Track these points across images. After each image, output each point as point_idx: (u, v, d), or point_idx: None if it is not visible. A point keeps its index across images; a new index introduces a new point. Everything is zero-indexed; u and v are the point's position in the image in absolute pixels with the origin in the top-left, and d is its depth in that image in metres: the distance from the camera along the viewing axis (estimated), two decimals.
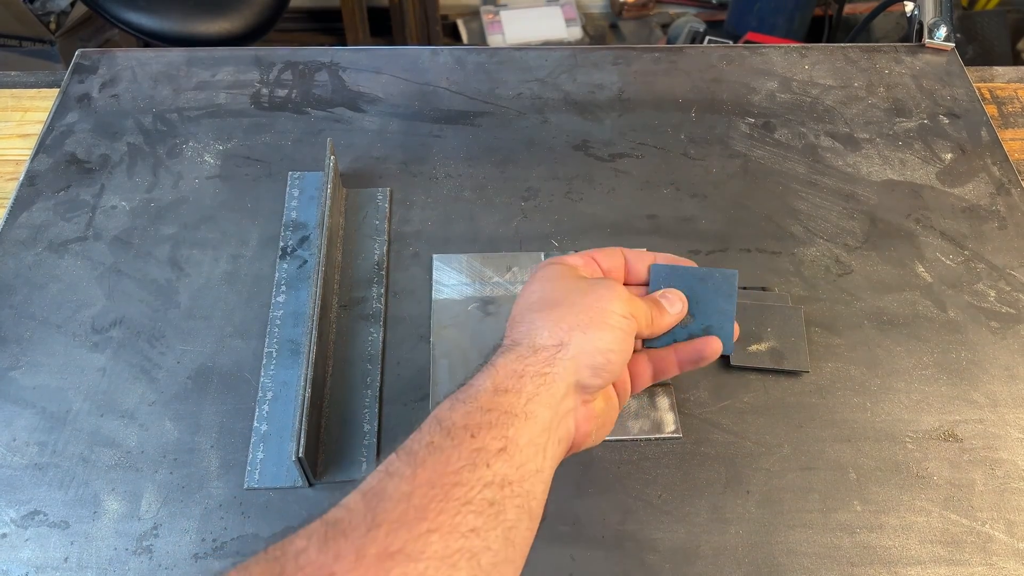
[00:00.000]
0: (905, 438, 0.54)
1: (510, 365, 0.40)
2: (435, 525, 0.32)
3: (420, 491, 0.33)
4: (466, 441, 0.36)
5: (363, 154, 0.69)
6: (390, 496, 0.33)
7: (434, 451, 0.36)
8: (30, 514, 0.49)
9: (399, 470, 0.35)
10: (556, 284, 0.45)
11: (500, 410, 0.38)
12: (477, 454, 0.36)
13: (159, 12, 1.25)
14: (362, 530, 0.32)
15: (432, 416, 0.38)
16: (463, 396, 0.39)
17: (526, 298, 0.45)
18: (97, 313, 0.58)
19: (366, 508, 0.33)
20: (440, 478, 0.34)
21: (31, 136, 0.71)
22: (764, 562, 0.49)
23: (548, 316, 0.43)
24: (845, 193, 0.68)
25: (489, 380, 0.39)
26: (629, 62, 0.78)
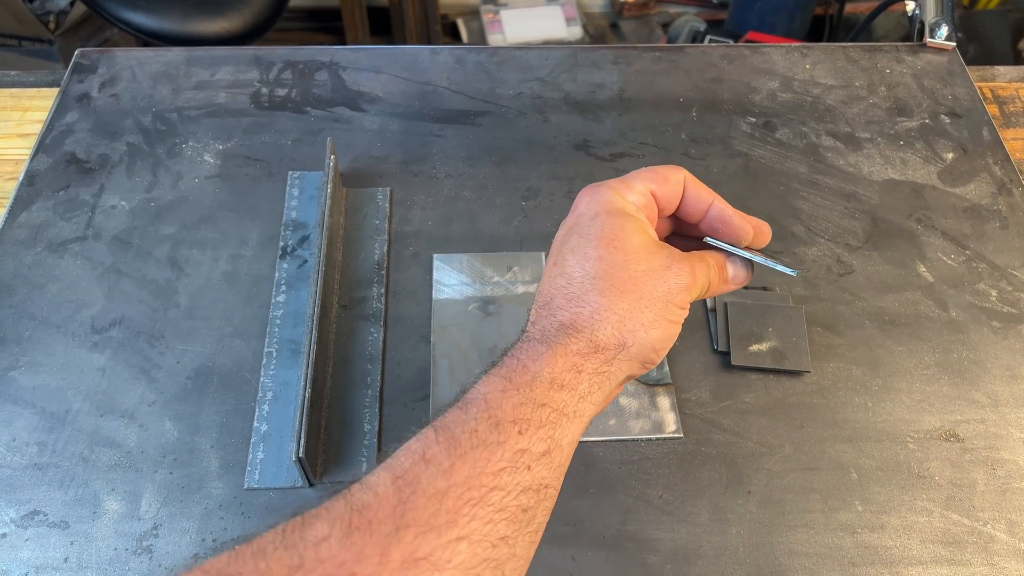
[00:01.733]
0: (907, 438, 0.54)
1: (570, 357, 0.37)
2: (466, 532, 0.31)
3: (455, 491, 0.31)
4: (512, 438, 0.34)
5: (363, 154, 0.69)
6: (423, 490, 0.31)
7: (477, 444, 0.33)
8: (30, 514, 0.49)
9: (436, 458, 0.32)
10: (621, 255, 0.39)
11: (553, 407, 0.35)
12: (520, 456, 0.33)
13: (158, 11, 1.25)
14: (389, 527, 0.30)
15: (481, 397, 0.35)
16: (518, 380, 0.36)
17: (588, 251, 0.39)
18: (97, 313, 0.58)
19: (396, 499, 0.31)
20: (478, 479, 0.32)
21: (30, 136, 0.71)
22: (765, 562, 0.49)
23: (614, 307, 0.38)
24: (846, 193, 0.68)
25: (547, 369, 0.36)
26: (629, 61, 0.78)
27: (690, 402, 0.55)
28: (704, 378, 0.56)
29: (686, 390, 0.56)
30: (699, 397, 0.55)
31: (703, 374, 0.56)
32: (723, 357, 0.57)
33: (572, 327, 0.38)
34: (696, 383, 0.56)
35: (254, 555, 0.29)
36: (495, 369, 0.37)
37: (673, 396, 0.55)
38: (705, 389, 0.56)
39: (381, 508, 0.31)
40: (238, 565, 0.29)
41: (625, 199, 0.42)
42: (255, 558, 0.29)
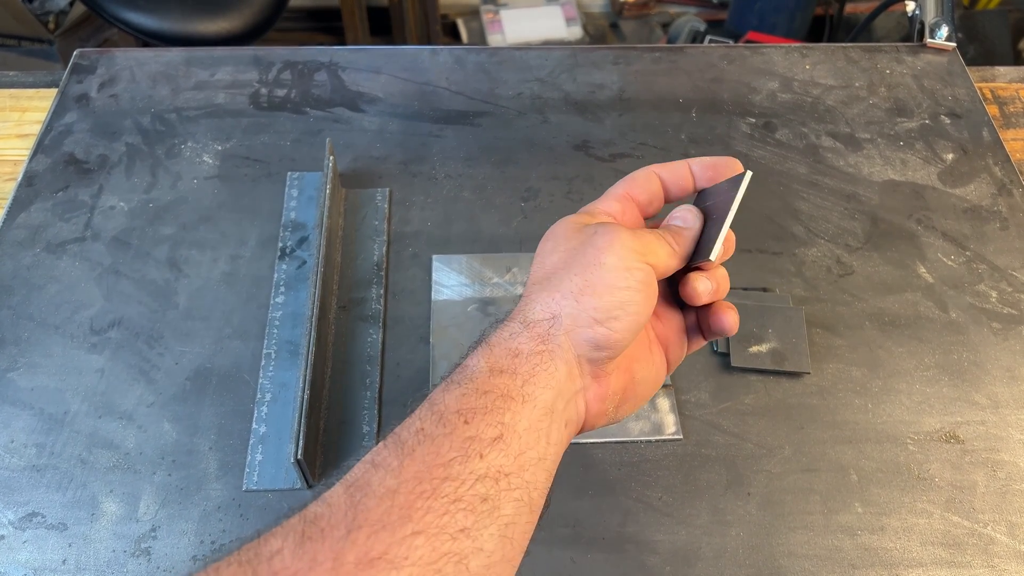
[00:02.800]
0: (907, 439, 0.54)
1: (504, 343, 0.36)
2: (421, 526, 0.30)
3: (406, 487, 0.31)
4: (459, 428, 0.33)
5: (362, 154, 0.69)
6: (374, 491, 0.31)
7: (424, 440, 0.33)
8: (28, 516, 0.49)
9: (386, 460, 0.32)
10: (559, 245, 0.39)
11: (496, 393, 0.34)
12: (470, 443, 0.33)
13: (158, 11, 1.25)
14: (342, 531, 0.30)
15: (426, 399, 0.35)
16: (458, 377, 0.36)
17: (532, 270, 0.40)
18: (95, 314, 0.58)
19: (348, 504, 0.31)
20: (429, 471, 0.32)
21: (29, 136, 0.71)
22: (765, 564, 0.49)
23: (541, 284, 0.38)
24: (846, 193, 0.67)
25: (484, 359, 0.36)
26: (629, 62, 0.78)
27: (690, 404, 0.55)
28: (704, 380, 0.56)
29: (686, 391, 0.56)
30: (699, 399, 0.55)
31: (703, 376, 0.56)
32: (723, 358, 0.57)
33: (507, 318, 0.38)
34: (696, 384, 0.56)
35: (207, 574, 0.29)
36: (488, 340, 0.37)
37: (673, 397, 0.55)
38: (705, 391, 0.56)
39: (333, 515, 0.30)
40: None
41: (590, 210, 0.42)
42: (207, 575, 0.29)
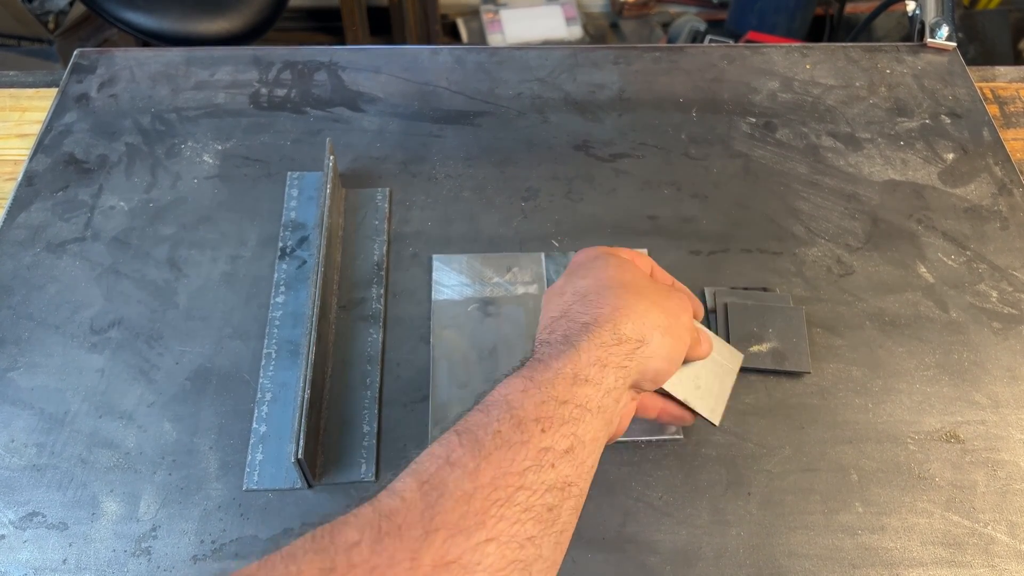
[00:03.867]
0: (907, 439, 0.54)
1: (594, 351, 0.38)
2: (494, 534, 0.31)
3: (482, 492, 0.32)
4: (535, 437, 0.34)
5: (362, 154, 0.69)
6: (451, 493, 0.31)
7: (501, 445, 0.33)
8: (28, 515, 0.49)
9: (461, 460, 0.33)
10: (634, 274, 0.43)
11: (575, 403, 0.36)
12: (544, 454, 0.34)
13: (158, 11, 1.25)
14: (419, 532, 0.30)
15: (502, 398, 0.35)
16: (539, 378, 0.36)
17: (599, 273, 0.42)
18: (95, 314, 0.58)
19: (424, 504, 0.31)
20: (504, 479, 0.32)
21: (29, 136, 0.71)
22: (765, 564, 0.49)
23: (634, 305, 0.40)
24: (847, 193, 0.67)
25: (570, 365, 0.37)
26: (629, 62, 0.78)
27: None
28: None
29: None
30: None
31: None
32: None
33: (595, 323, 0.39)
34: None
35: (284, 559, 0.29)
36: (516, 371, 0.37)
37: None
38: None
39: (410, 513, 0.31)
40: (268, 570, 0.29)
41: (620, 253, 0.46)
42: (285, 562, 0.29)
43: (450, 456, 0.33)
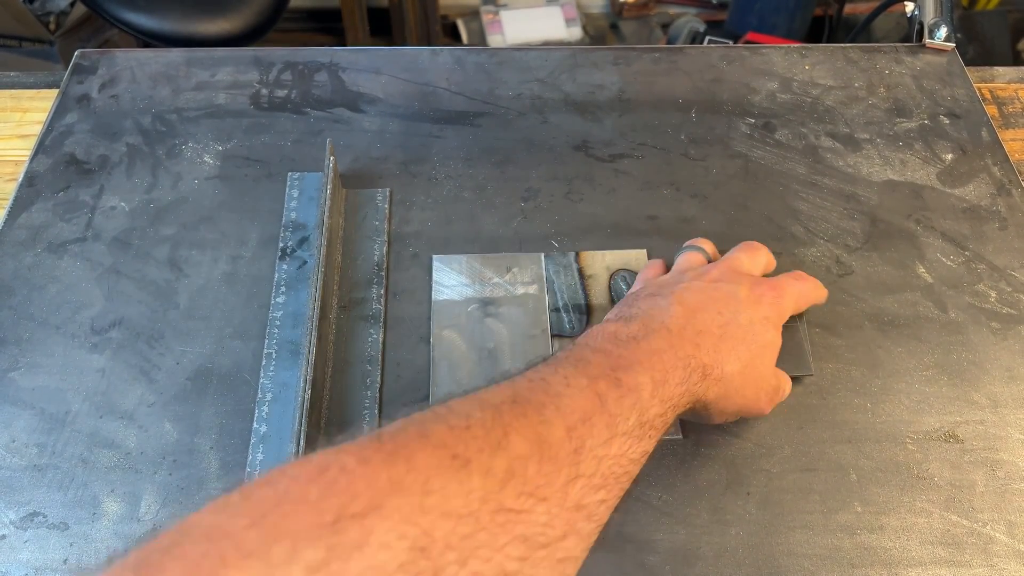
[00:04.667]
0: (906, 439, 0.54)
1: (669, 400, 0.41)
2: (607, 496, 0.35)
3: (608, 460, 0.36)
4: (651, 440, 0.39)
5: (363, 154, 0.69)
6: (589, 449, 0.35)
7: (626, 432, 0.38)
8: (29, 515, 0.49)
9: (597, 425, 0.36)
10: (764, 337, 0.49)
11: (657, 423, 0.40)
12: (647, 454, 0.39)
13: (158, 12, 1.25)
14: (567, 473, 0.33)
15: (635, 387, 0.39)
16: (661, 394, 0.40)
17: (738, 316, 0.47)
18: (96, 314, 0.58)
19: (572, 448, 0.34)
20: (620, 461, 0.36)
21: (30, 137, 0.71)
22: (765, 563, 0.49)
23: (718, 343, 0.45)
24: (846, 194, 0.68)
25: (654, 391, 0.40)
26: (629, 62, 0.78)
27: None
28: None
29: None
30: None
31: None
32: None
33: (707, 373, 0.44)
34: None
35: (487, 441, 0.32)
36: (644, 361, 0.41)
37: None
38: None
39: (561, 450, 0.33)
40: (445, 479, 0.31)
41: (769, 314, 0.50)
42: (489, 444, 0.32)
43: (591, 416, 0.35)
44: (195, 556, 0.24)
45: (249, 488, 0.28)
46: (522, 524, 0.30)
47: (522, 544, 0.30)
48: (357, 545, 0.26)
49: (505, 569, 0.29)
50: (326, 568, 0.25)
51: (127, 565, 0.25)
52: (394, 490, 0.27)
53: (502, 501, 0.30)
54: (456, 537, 0.28)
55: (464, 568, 0.28)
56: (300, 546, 0.25)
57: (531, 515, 0.30)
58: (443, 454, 0.29)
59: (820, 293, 0.55)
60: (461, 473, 0.29)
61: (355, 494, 0.27)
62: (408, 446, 0.29)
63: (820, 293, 0.55)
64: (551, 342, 0.58)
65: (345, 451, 0.29)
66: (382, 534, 0.26)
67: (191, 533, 0.26)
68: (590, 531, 0.34)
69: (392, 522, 0.27)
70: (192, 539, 0.25)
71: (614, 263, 0.62)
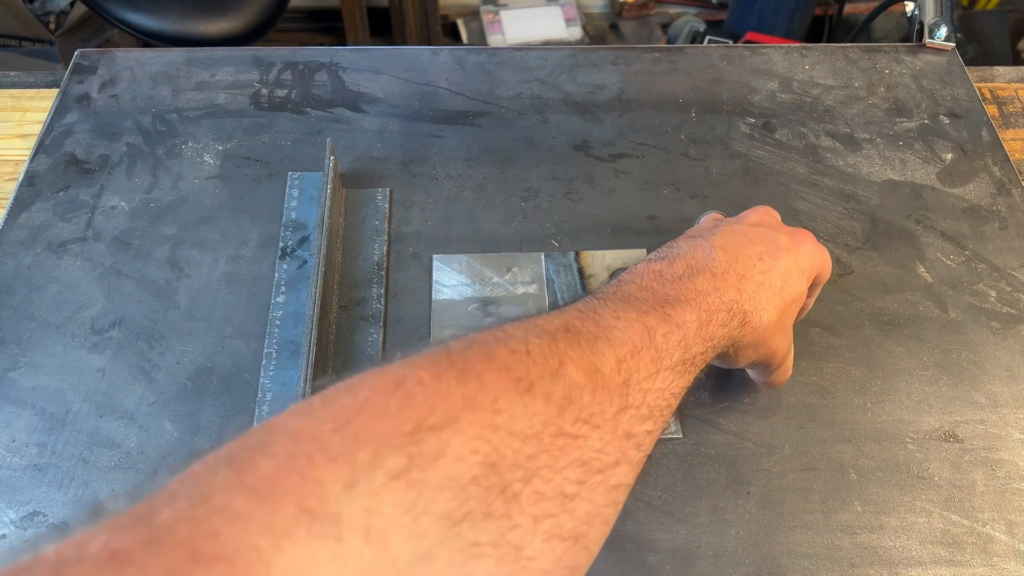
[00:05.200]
0: (906, 439, 0.54)
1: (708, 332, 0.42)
2: (655, 427, 0.36)
3: (654, 393, 0.36)
4: (689, 376, 0.40)
5: (363, 154, 0.69)
6: (637, 383, 0.35)
7: (671, 366, 0.38)
8: (30, 515, 0.49)
9: (643, 360, 0.36)
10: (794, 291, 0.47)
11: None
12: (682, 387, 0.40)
13: (159, 12, 1.25)
14: (618, 403, 0.34)
15: (679, 323, 0.39)
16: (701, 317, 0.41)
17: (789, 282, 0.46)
18: (96, 314, 0.58)
19: (621, 379, 0.35)
20: (666, 395, 0.37)
21: (30, 136, 0.71)
22: (765, 563, 0.49)
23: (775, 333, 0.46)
24: (845, 193, 0.68)
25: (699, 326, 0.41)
26: (629, 62, 0.78)
27: (689, 403, 0.55)
28: (703, 379, 0.56)
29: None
30: (698, 398, 0.55)
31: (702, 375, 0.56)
32: None
33: (746, 320, 0.44)
34: (695, 384, 0.56)
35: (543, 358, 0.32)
36: (692, 299, 0.41)
37: None
38: (704, 390, 0.56)
39: (611, 382, 0.34)
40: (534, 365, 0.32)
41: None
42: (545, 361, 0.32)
43: (640, 350, 0.36)
44: (284, 455, 0.25)
45: (329, 394, 0.28)
46: (579, 449, 0.31)
47: (580, 468, 0.31)
48: (435, 456, 0.27)
49: (564, 491, 0.30)
50: (407, 476, 0.26)
51: (220, 459, 0.26)
52: (467, 406, 0.28)
53: (561, 426, 0.30)
54: (522, 456, 0.29)
55: (528, 486, 0.29)
56: (383, 452, 0.26)
57: (587, 440, 0.31)
58: (508, 376, 0.30)
59: (827, 265, 0.53)
60: (525, 396, 0.30)
61: (432, 407, 0.28)
62: (476, 366, 0.30)
63: (827, 265, 0.53)
64: None
65: (419, 365, 0.30)
66: (457, 447, 0.27)
67: (278, 434, 0.26)
68: (639, 460, 0.35)
69: (466, 436, 0.28)
70: (280, 440, 0.26)
71: (614, 263, 0.62)
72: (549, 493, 0.29)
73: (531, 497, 0.29)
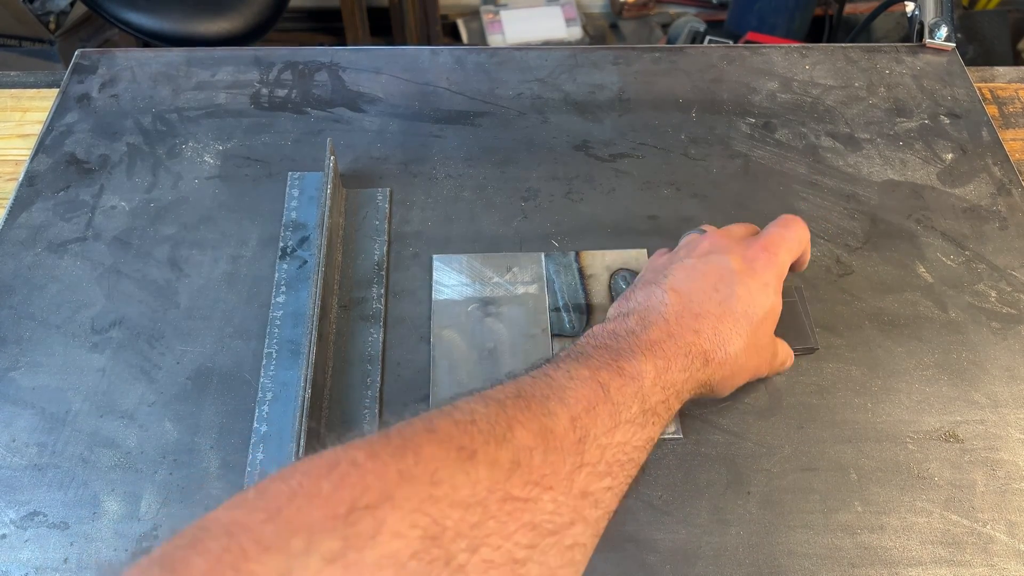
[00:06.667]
0: (906, 439, 0.54)
1: (670, 386, 0.43)
2: (614, 484, 0.36)
3: (612, 448, 0.37)
4: (655, 427, 0.41)
5: (363, 154, 0.69)
6: (594, 438, 0.36)
7: (631, 420, 0.38)
8: (30, 515, 0.49)
9: (601, 415, 0.37)
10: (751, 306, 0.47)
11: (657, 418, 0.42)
12: (649, 443, 0.40)
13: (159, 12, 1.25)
14: (573, 461, 0.34)
15: (638, 375, 0.40)
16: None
17: (725, 298, 0.47)
18: (96, 314, 0.58)
19: (576, 438, 0.35)
20: (625, 447, 0.37)
21: (30, 136, 0.71)
22: (765, 563, 0.49)
23: (736, 359, 0.47)
24: (846, 193, 0.68)
25: (651, 382, 0.41)
26: (629, 62, 0.78)
27: (689, 403, 0.55)
28: None
29: None
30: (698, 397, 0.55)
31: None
32: None
33: (708, 360, 0.45)
34: None
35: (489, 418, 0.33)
36: (647, 349, 0.41)
37: None
38: None
39: (566, 440, 0.34)
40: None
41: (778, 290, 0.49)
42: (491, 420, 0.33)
43: (595, 406, 0.36)
44: (217, 551, 0.25)
45: (263, 484, 0.28)
46: (529, 512, 0.30)
47: (531, 531, 0.30)
48: (371, 535, 0.26)
49: (515, 556, 0.29)
50: (343, 558, 0.25)
51: (153, 560, 0.25)
52: (403, 481, 0.28)
53: (509, 490, 0.30)
54: (466, 525, 0.28)
55: (475, 555, 0.28)
56: (316, 538, 0.26)
57: (538, 503, 0.31)
58: (449, 446, 0.30)
59: (806, 234, 0.54)
60: (467, 464, 0.30)
61: (366, 486, 0.27)
62: (415, 440, 0.30)
63: (806, 234, 0.54)
64: (551, 342, 0.58)
65: (354, 447, 0.29)
66: (394, 524, 0.27)
67: (211, 529, 0.26)
68: (597, 517, 0.34)
69: (403, 512, 0.27)
70: (212, 535, 0.26)
71: (614, 263, 0.62)
72: (498, 560, 0.29)
73: (479, 566, 0.28)
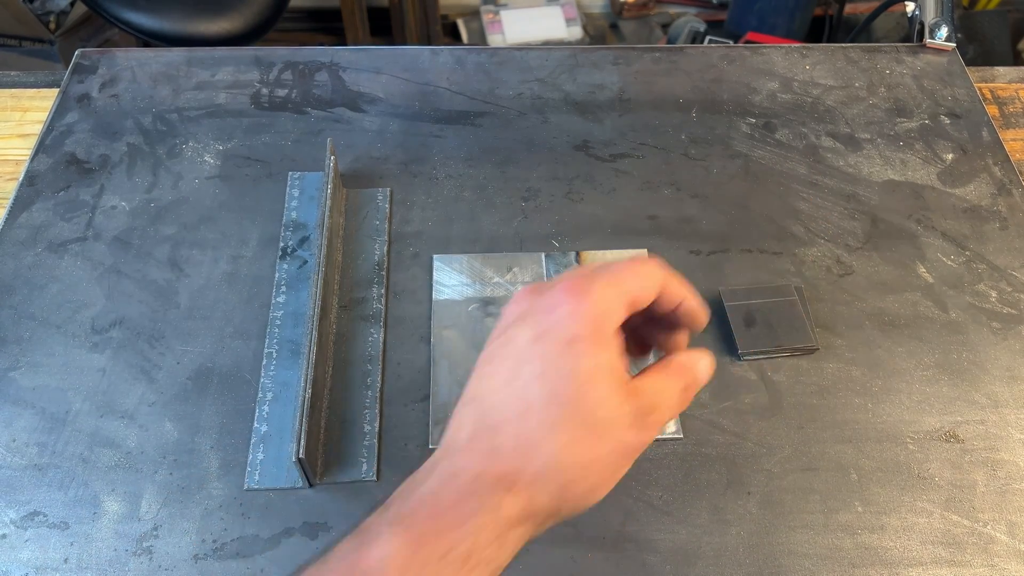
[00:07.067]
0: (906, 439, 0.54)
1: (500, 526, 0.33)
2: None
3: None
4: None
5: (363, 154, 0.69)
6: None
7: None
8: (30, 515, 0.49)
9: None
10: (560, 376, 0.34)
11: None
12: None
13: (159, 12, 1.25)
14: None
15: (382, 566, 0.31)
16: (427, 551, 0.31)
17: (516, 386, 0.34)
18: (97, 314, 0.58)
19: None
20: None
21: (31, 136, 0.71)
22: (765, 563, 0.49)
23: (561, 461, 0.33)
24: (846, 193, 0.68)
25: (470, 540, 0.32)
26: (629, 62, 0.78)
27: (690, 403, 0.55)
28: None
29: None
30: (699, 398, 0.55)
31: None
32: (722, 357, 0.57)
33: (511, 483, 0.33)
34: None
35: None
36: (405, 516, 0.32)
37: None
38: (704, 390, 0.56)
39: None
40: None
41: (611, 336, 0.35)
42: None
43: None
44: None
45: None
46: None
47: None
48: None
49: None
50: None
51: None
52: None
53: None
54: None
55: None
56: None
57: None
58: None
59: (656, 271, 0.36)
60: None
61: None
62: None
63: (656, 271, 0.36)
64: None
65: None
66: None
67: None
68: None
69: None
70: None
71: None
72: None
73: None
